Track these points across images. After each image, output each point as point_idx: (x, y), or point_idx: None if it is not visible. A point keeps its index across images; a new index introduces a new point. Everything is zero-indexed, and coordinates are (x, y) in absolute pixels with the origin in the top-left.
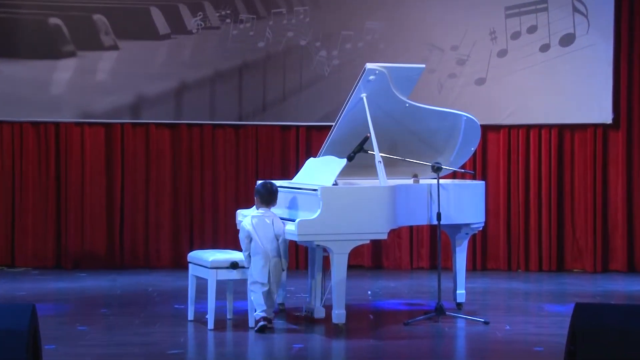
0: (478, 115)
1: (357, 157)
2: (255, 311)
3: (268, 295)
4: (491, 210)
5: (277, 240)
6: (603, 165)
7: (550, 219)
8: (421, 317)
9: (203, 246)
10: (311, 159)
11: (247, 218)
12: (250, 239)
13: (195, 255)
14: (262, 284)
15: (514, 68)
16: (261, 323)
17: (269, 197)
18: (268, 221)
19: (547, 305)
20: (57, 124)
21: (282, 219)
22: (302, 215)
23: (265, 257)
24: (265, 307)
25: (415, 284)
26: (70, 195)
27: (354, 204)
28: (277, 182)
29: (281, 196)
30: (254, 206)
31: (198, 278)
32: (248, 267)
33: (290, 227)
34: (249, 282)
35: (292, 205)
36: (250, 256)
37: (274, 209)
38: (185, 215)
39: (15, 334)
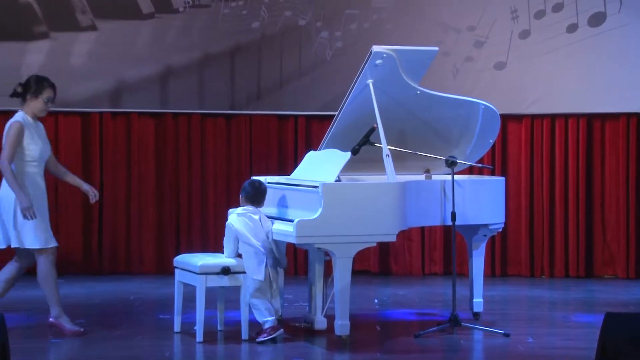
0: (497, 104)
1: (362, 150)
2: (265, 317)
3: (271, 297)
4: (512, 210)
5: (268, 238)
6: (637, 158)
7: (578, 219)
8: (434, 328)
9: (191, 250)
10: (311, 152)
11: (231, 216)
12: (238, 240)
13: (182, 259)
14: (261, 283)
15: (538, 51)
16: (279, 332)
17: (255, 196)
18: (255, 217)
19: (575, 315)
20: None
21: (278, 218)
22: (301, 215)
23: (260, 256)
24: (273, 312)
25: (427, 292)
26: None
27: (359, 203)
28: (274, 178)
29: (278, 193)
30: None
31: (185, 285)
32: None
33: (288, 227)
34: (246, 292)
35: (290, 203)
36: (240, 257)
37: (266, 209)
38: (171, 215)
39: None
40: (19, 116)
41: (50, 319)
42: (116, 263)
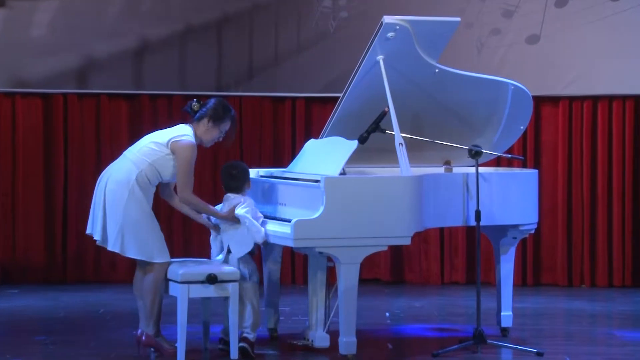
0: (529, 84)
1: (371, 138)
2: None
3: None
4: (546, 208)
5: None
6: None
7: (623, 219)
8: (455, 346)
9: (171, 254)
10: (312, 140)
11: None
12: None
13: None
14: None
15: (577, 22)
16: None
17: (228, 182)
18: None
19: (619, 331)
20: None
21: (273, 218)
22: (300, 214)
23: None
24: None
25: (447, 304)
26: None
27: (367, 200)
28: (267, 171)
29: (272, 189)
30: None
31: (165, 296)
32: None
33: (284, 229)
34: (234, 303)
35: (287, 200)
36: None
37: (259, 208)
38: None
39: None
40: (191, 135)
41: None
42: (83, 270)
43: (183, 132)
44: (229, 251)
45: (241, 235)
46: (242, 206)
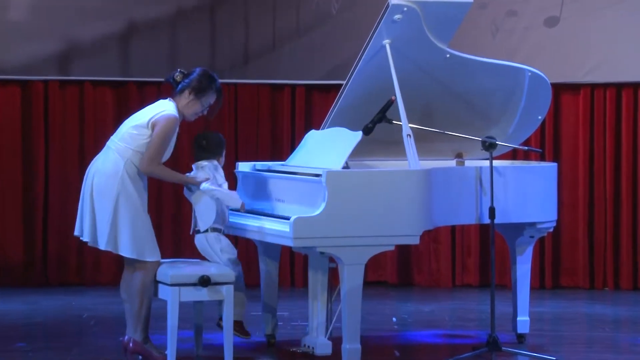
0: (548, 70)
1: (377, 129)
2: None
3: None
4: (566, 204)
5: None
6: None
7: None
8: (468, 354)
9: (161, 255)
10: (312, 131)
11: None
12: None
13: None
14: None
15: (599, 3)
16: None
17: (199, 154)
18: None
19: None
20: None
21: (271, 215)
22: (300, 211)
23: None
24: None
25: (459, 308)
26: None
27: (372, 195)
28: (265, 165)
29: (270, 183)
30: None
31: (154, 299)
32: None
33: (283, 227)
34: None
35: (286, 196)
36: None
37: (256, 204)
38: None
39: None
40: (174, 109)
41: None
42: (65, 272)
43: (163, 108)
44: (197, 231)
45: (205, 205)
46: (207, 183)
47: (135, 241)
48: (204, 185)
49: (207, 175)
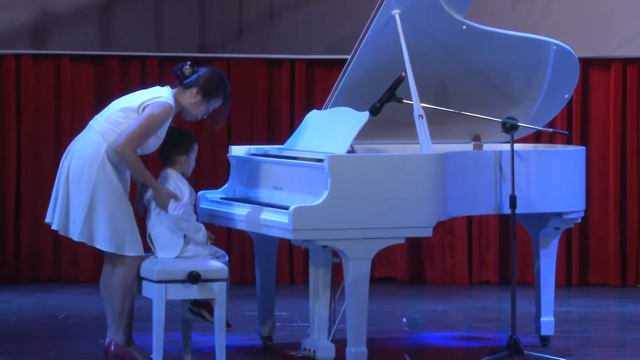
0: (575, 44)
1: (385, 109)
2: None
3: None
4: (595, 193)
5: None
6: None
7: None
8: (486, 358)
9: (145, 249)
10: (313, 112)
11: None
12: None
13: None
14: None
15: None
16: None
17: (161, 147)
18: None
19: None
20: None
21: (268, 205)
22: (300, 200)
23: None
24: None
25: (476, 308)
26: None
27: (380, 183)
28: (261, 148)
29: (266, 170)
30: (226, 184)
31: (138, 298)
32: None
33: (281, 217)
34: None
35: (285, 184)
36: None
37: (251, 192)
38: None
39: None
40: (169, 97)
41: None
42: (40, 267)
43: (159, 94)
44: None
45: (166, 236)
46: (178, 205)
47: (114, 233)
48: (172, 210)
49: (174, 191)
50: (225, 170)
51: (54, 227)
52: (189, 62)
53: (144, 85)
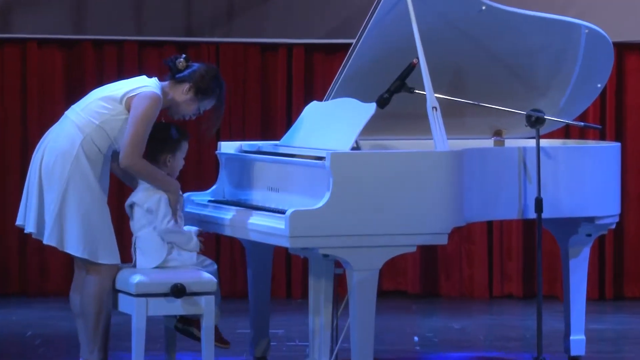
0: (609, 27)
1: (394, 100)
2: None
3: None
4: (631, 195)
5: None
6: None
7: None
8: None
9: (123, 259)
10: (314, 103)
11: None
12: None
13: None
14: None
15: None
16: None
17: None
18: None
19: None
20: None
21: (263, 209)
22: (298, 203)
23: None
24: None
25: (497, 325)
26: None
27: (389, 184)
28: (254, 145)
29: (261, 169)
30: (215, 185)
31: (114, 313)
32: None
33: (277, 223)
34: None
35: (281, 184)
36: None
37: (244, 194)
38: None
39: None
40: (157, 89)
41: None
42: (4, 280)
43: (145, 84)
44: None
45: (153, 240)
46: (166, 218)
47: (87, 237)
48: (161, 224)
49: (156, 196)
50: (213, 170)
51: (27, 230)
52: (183, 55)
53: (121, 73)
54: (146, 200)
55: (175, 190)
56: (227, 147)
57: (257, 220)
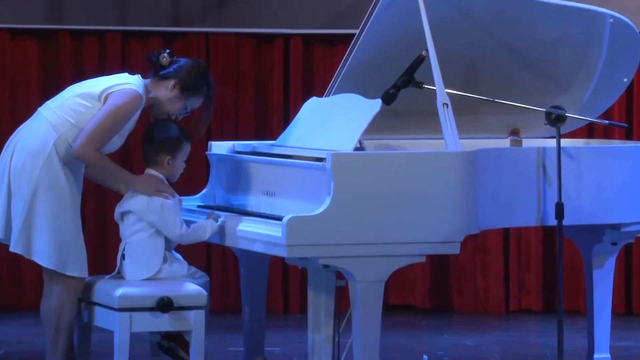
0: (635, 15)
1: (401, 95)
2: None
3: None
4: None
5: None
6: None
7: None
8: None
9: (104, 269)
10: (313, 99)
11: None
12: None
13: (91, 285)
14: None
15: None
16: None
17: (143, 147)
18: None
19: None
20: None
21: (258, 215)
22: (296, 208)
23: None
24: None
25: (514, 342)
26: None
27: (395, 187)
28: (248, 145)
29: (256, 171)
30: (205, 189)
31: (97, 329)
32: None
33: (273, 230)
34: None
35: (277, 188)
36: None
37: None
38: None
39: None
40: (140, 86)
41: None
42: None
43: (126, 81)
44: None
45: (148, 249)
46: (176, 224)
47: (56, 246)
48: (176, 234)
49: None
50: (203, 172)
51: None
52: (167, 50)
53: (102, 66)
54: (146, 211)
55: (140, 180)
56: (219, 148)
57: (251, 227)
